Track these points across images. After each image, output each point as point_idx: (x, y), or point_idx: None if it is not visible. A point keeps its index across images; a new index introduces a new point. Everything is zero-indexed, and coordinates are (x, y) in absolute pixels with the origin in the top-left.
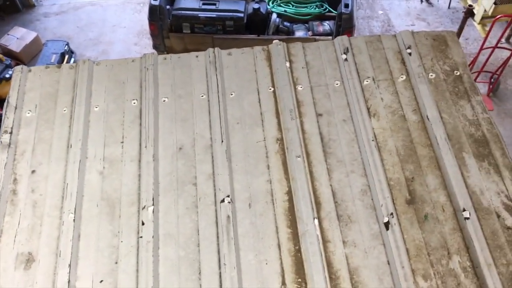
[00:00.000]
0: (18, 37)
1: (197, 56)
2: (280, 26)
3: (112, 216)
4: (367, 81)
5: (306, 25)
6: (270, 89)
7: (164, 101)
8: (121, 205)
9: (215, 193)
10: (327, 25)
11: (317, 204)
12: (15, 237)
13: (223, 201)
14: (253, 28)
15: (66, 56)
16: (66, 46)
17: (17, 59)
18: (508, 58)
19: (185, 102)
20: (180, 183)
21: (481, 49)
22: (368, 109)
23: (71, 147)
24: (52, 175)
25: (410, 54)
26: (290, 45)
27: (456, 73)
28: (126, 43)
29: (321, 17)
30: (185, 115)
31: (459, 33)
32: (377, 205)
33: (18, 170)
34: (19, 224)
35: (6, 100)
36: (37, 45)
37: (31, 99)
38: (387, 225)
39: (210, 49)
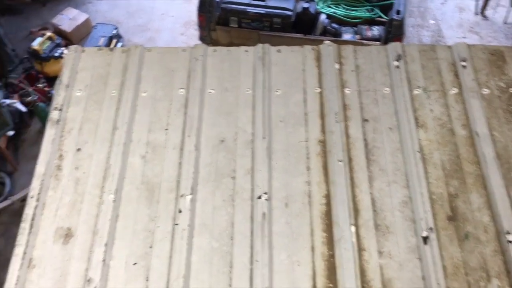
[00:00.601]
0: (70, 18)
1: (246, 51)
2: (328, 27)
3: (151, 200)
4: (417, 90)
5: (355, 28)
6: (316, 89)
7: (210, 92)
8: (160, 191)
9: (252, 188)
10: (376, 30)
11: (355, 211)
12: (56, 211)
13: (260, 197)
14: (300, 27)
15: (114, 40)
16: (115, 30)
17: (67, 39)
18: None
19: (230, 96)
20: (219, 175)
21: None
22: (416, 119)
23: (117, 129)
24: (96, 155)
25: (464, 67)
26: (341, 47)
27: None
28: (173, 32)
29: (371, 22)
30: (229, 109)
31: None
32: (416, 218)
33: (65, 146)
34: (61, 199)
35: (58, 78)
36: (87, 26)
37: (82, 79)
38: (425, 239)
39: (260, 45)
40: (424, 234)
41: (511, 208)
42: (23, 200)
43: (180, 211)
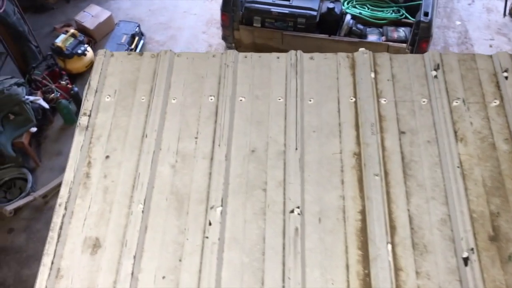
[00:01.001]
0: (93, 15)
1: (278, 58)
2: (353, 28)
3: (180, 211)
4: (456, 102)
5: (380, 29)
6: (351, 99)
7: (241, 100)
8: (190, 202)
9: (284, 201)
10: (402, 32)
11: (392, 228)
12: (84, 220)
13: (292, 211)
14: (325, 27)
15: (136, 38)
16: (137, 28)
17: (90, 36)
18: None
19: (262, 104)
20: (250, 186)
21: None
22: (455, 132)
23: (146, 137)
24: (125, 163)
25: (506, 78)
26: (377, 55)
27: None
28: (194, 30)
29: (397, 23)
30: (260, 117)
31: None
32: (456, 237)
33: (93, 153)
34: (89, 208)
35: (87, 83)
36: (109, 24)
37: (111, 84)
38: (466, 260)
39: (292, 51)
40: (465, 255)
41: None
42: (45, 196)
43: (210, 224)
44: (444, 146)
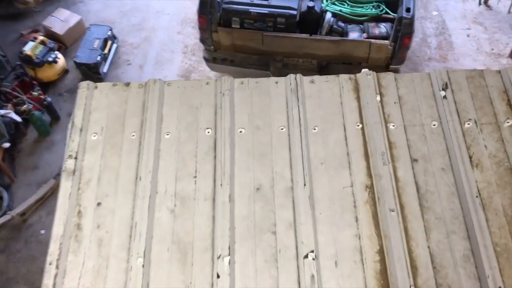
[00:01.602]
0: (62, 20)
1: (276, 82)
2: (334, 26)
3: (184, 263)
4: (468, 123)
5: (361, 26)
6: (358, 125)
7: (240, 132)
8: (194, 251)
9: (296, 245)
10: (383, 28)
11: (413, 269)
12: (79, 279)
13: (306, 256)
14: (305, 27)
15: (109, 42)
16: (110, 31)
17: (59, 41)
18: None
19: (263, 135)
20: (258, 230)
21: None
22: (470, 157)
23: (140, 179)
24: (119, 210)
25: None
26: (381, 75)
27: None
28: (169, 31)
29: (377, 19)
30: (263, 150)
31: None
32: (482, 275)
33: (83, 201)
34: (83, 264)
35: (70, 120)
36: (80, 28)
37: (97, 121)
38: None
39: (291, 75)
40: None
41: None
42: (23, 214)
43: (218, 276)
44: (460, 174)
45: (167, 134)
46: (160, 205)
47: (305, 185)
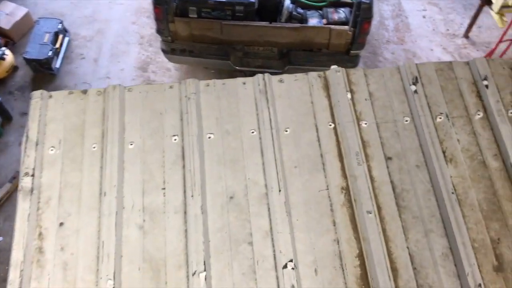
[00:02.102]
0: (7, 13)
1: (244, 83)
2: (294, 13)
3: (157, 282)
4: (440, 117)
5: (320, 12)
6: (330, 125)
7: (209, 137)
8: (167, 269)
9: (274, 255)
10: (342, 13)
11: (394, 271)
12: None
13: (285, 266)
14: (265, 14)
15: (60, 36)
16: (60, 24)
17: (6, 36)
18: None
19: (233, 140)
20: (234, 241)
21: (500, 41)
22: (443, 152)
23: (105, 195)
24: (84, 229)
25: (487, 86)
26: (350, 72)
27: None
28: (123, 22)
29: (336, 4)
30: (234, 156)
31: (473, 22)
32: (461, 273)
33: (44, 222)
34: None
35: (24, 134)
36: (28, 22)
37: (54, 133)
38: None
39: (259, 75)
40: None
41: None
42: None
43: None
44: (435, 170)
45: (131, 144)
46: (128, 222)
47: (280, 190)
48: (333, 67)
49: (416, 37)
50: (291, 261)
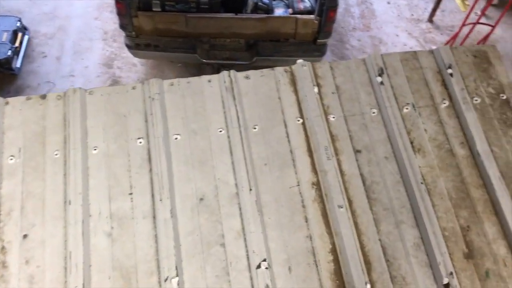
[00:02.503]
0: None
1: (209, 81)
2: (259, 3)
3: None
4: (406, 108)
5: (286, 1)
6: (298, 120)
7: (176, 139)
8: (138, 276)
9: (247, 255)
10: (307, 2)
11: (367, 264)
12: None
13: (259, 266)
14: (230, 6)
15: (19, 34)
16: (19, 22)
17: None
18: (489, 34)
19: (201, 140)
20: (205, 244)
21: (463, 25)
22: (411, 143)
23: (70, 203)
24: (50, 240)
25: (451, 75)
26: (316, 65)
27: (502, 96)
28: (85, 18)
29: None
30: (202, 156)
31: (436, 6)
32: (433, 262)
33: (6, 235)
34: None
35: None
36: None
37: (13, 141)
38: (447, 287)
39: (225, 72)
40: (445, 281)
41: None
42: None
43: None
44: (403, 161)
45: (95, 149)
46: (95, 230)
47: (250, 189)
48: (299, 61)
49: (382, 23)
50: (264, 260)
